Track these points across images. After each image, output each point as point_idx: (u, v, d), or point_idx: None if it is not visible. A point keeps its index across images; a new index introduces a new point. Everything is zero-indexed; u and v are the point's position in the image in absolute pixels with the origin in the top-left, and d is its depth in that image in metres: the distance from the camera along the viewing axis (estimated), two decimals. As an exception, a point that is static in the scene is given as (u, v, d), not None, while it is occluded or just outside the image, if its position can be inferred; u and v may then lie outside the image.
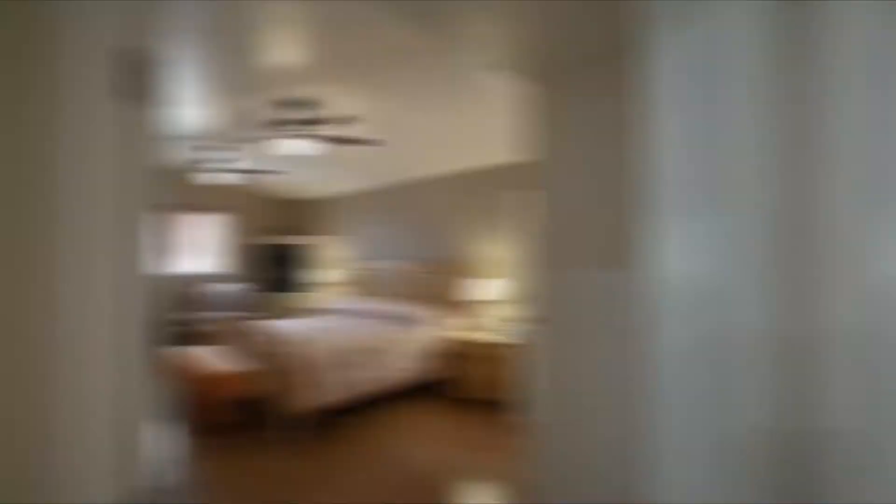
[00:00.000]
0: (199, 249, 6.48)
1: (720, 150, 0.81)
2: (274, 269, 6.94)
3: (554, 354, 2.11)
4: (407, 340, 4.18)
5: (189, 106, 3.31)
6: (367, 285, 5.84)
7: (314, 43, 2.48)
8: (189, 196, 6.16)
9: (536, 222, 2.21)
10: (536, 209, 2.21)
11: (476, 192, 4.74)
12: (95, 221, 0.78)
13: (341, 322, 4.84)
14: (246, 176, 4.96)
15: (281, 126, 3.28)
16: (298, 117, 3.21)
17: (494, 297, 4.18)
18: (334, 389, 3.47)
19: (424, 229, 5.33)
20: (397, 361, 4.01)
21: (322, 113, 3.26)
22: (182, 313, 5.98)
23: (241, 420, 3.46)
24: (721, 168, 0.80)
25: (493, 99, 2.97)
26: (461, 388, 4.12)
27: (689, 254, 0.82)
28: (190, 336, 5.80)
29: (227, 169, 4.77)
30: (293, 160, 4.69)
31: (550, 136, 2.16)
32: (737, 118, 0.79)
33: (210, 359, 3.76)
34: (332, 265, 6.74)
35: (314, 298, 6.57)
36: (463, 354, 4.14)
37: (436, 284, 4.87)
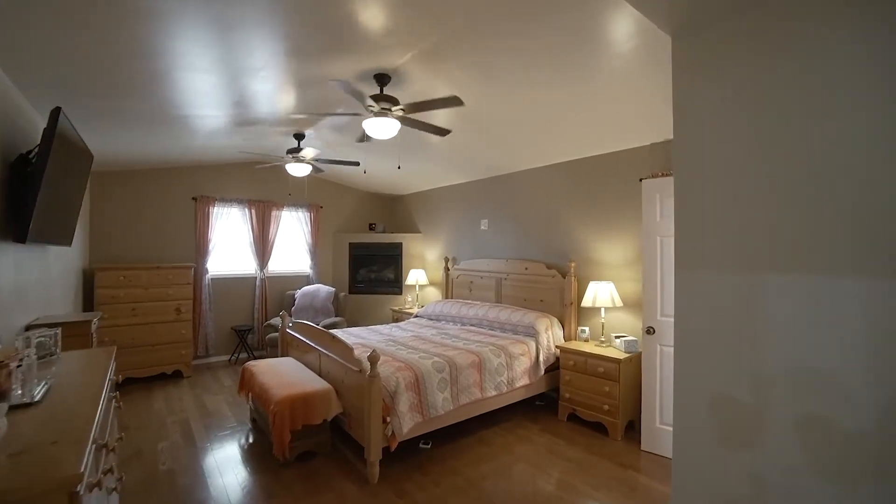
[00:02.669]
0: (282, 249, 6.22)
1: None
2: (363, 269, 6.55)
3: (685, 370, 1.56)
4: (511, 351, 3.64)
5: (262, 77, 2.78)
6: (466, 287, 5.35)
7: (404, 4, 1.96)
8: (272, 189, 5.93)
9: (678, 214, 1.64)
10: (678, 198, 1.63)
11: (592, 182, 4.10)
12: None
13: (437, 330, 4.40)
14: (331, 167, 4.54)
15: (367, 103, 2.78)
16: (385, 94, 2.73)
17: (612, 303, 3.62)
18: (424, 412, 2.97)
19: (532, 225, 4.72)
20: (501, 376, 3.49)
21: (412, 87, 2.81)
22: (259, 318, 5.73)
23: (315, 448, 3.06)
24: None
25: (617, 72, 2.51)
26: (572, 406, 3.68)
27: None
28: (265, 345, 5.51)
29: (311, 159, 4.36)
30: (383, 148, 4.27)
31: (693, 105, 1.58)
32: None
33: (279, 372, 3.34)
34: (428, 265, 6.25)
35: (408, 302, 6.11)
36: (575, 367, 3.64)
37: (545, 287, 4.35)
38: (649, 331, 3.07)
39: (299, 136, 4.44)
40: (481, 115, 3.27)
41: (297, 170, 4.45)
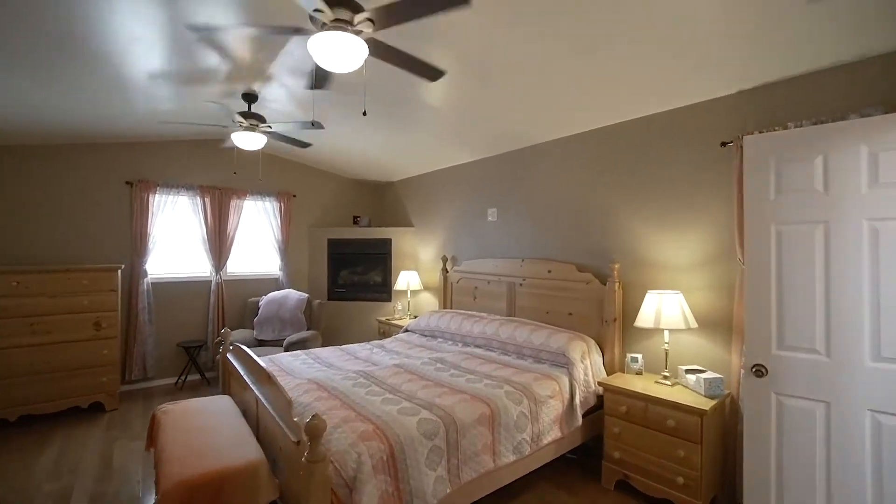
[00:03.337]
0: (244, 246, 5.08)
1: None
2: (345, 271, 5.42)
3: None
4: (536, 393, 2.51)
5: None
6: (469, 294, 4.22)
7: None
8: (231, 174, 4.79)
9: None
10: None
11: (645, 153, 3.00)
12: None
13: (431, 353, 3.32)
14: (292, 138, 3.44)
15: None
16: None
17: (686, 324, 2.49)
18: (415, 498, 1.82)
19: (557, 214, 3.58)
20: (522, 433, 2.37)
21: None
22: (214, 332, 4.63)
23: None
24: None
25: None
26: (623, 471, 2.53)
27: None
28: (208, 370, 4.59)
29: (264, 127, 3.32)
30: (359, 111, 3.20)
31: None
32: None
33: (194, 426, 2.20)
34: (422, 266, 5.12)
35: (397, 311, 4.98)
36: (628, 415, 2.51)
37: (575, 296, 3.25)
38: (758, 371, 1.97)
39: (250, 98, 3.36)
40: (491, 61, 2.17)
41: (247, 141, 3.37)
